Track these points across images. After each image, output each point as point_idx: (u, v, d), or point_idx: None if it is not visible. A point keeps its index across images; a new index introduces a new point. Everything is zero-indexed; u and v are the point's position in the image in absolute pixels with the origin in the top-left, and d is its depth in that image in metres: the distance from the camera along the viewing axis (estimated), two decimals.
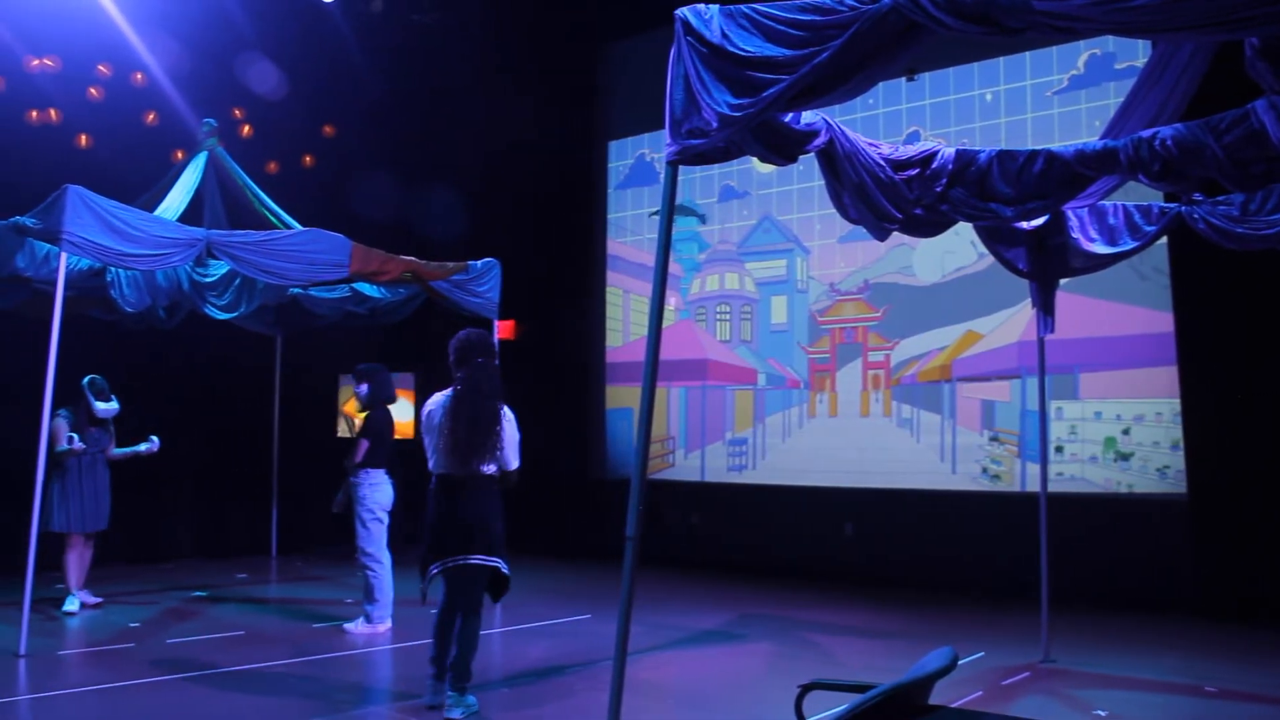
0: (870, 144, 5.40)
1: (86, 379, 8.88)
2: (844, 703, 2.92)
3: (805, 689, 3.26)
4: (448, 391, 5.90)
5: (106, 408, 8.88)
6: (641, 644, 7.18)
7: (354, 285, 9.84)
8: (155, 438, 9.14)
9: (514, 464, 5.84)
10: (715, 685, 6.72)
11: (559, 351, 13.20)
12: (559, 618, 8.61)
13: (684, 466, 12.40)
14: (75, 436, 8.66)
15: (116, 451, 8.98)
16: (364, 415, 8.22)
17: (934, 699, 3.23)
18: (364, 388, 8.23)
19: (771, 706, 6.02)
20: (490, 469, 5.78)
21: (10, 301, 9.06)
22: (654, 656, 7.25)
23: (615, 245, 13.28)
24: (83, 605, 8.75)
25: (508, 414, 5.88)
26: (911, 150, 5.51)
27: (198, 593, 9.56)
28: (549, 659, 6.10)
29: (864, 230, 5.72)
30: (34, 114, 10.89)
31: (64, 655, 7.15)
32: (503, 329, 9.98)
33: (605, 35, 13.29)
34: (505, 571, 5.81)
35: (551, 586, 10.16)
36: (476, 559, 5.69)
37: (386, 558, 8.03)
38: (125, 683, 6.42)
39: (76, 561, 8.76)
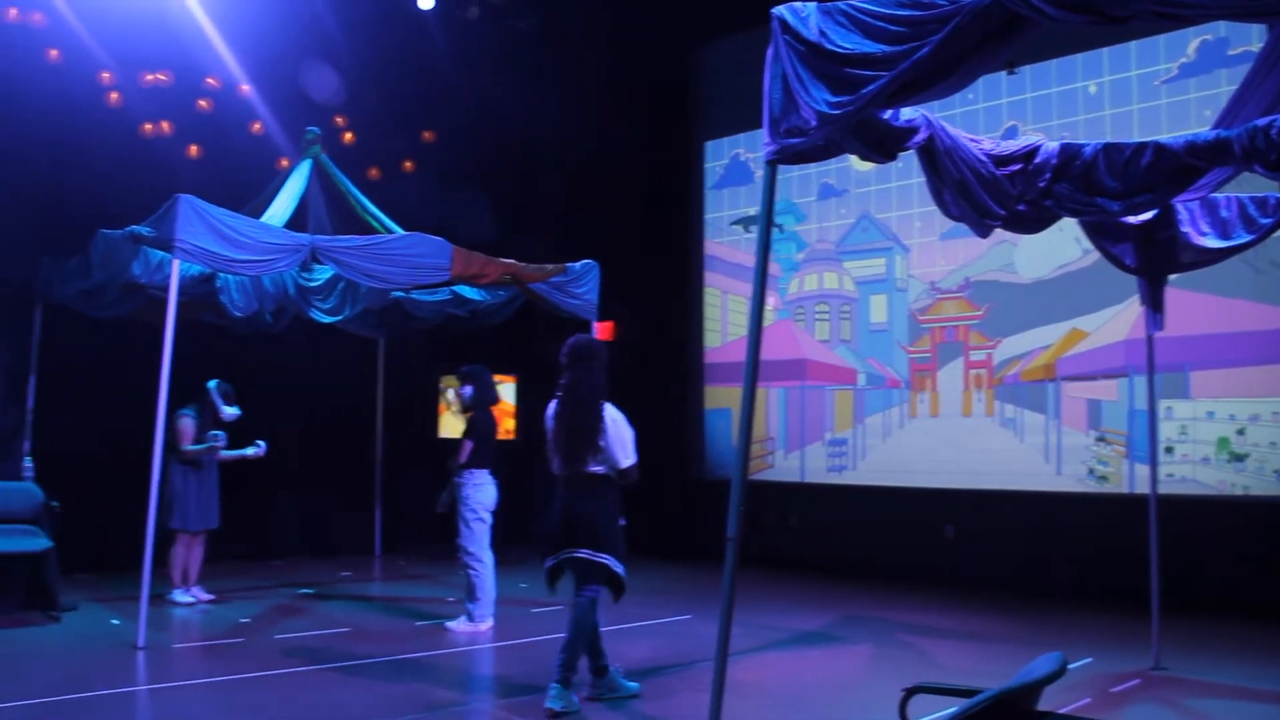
0: (971, 139, 5.31)
1: (214, 382, 9.21)
2: (947, 707, 2.88)
3: (910, 692, 3.21)
4: None
5: (231, 412, 9.19)
6: (741, 645, 7.16)
7: (455, 288, 9.94)
8: (261, 442, 9.37)
9: (624, 461, 5.92)
10: (816, 687, 6.68)
11: (657, 352, 13.22)
12: (659, 618, 8.63)
13: (783, 467, 12.33)
14: (220, 434, 9.06)
15: (225, 454, 9.22)
16: (468, 417, 8.35)
17: (1042, 705, 3.16)
18: (467, 389, 8.35)
19: (873, 710, 5.95)
20: (597, 468, 5.94)
21: (127, 308, 9.37)
22: (754, 658, 7.22)
23: (712, 245, 13.26)
24: (195, 601, 9.02)
25: (613, 414, 5.98)
26: (1014, 145, 5.40)
27: (304, 590, 9.78)
28: (649, 659, 6.12)
29: (965, 228, 5.62)
30: (148, 127, 11.25)
31: (179, 648, 7.37)
32: (601, 330, 10.02)
33: (700, 36, 13.28)
34: (615, 569, 5.92)
35: (651, 586, 10.17)
36: (582, 553, 5.91)
37: (489, 557, 8.13)
38: (236, 676, 6.59)
39: (183, 557, 9.04)
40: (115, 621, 8.13)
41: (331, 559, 11.43)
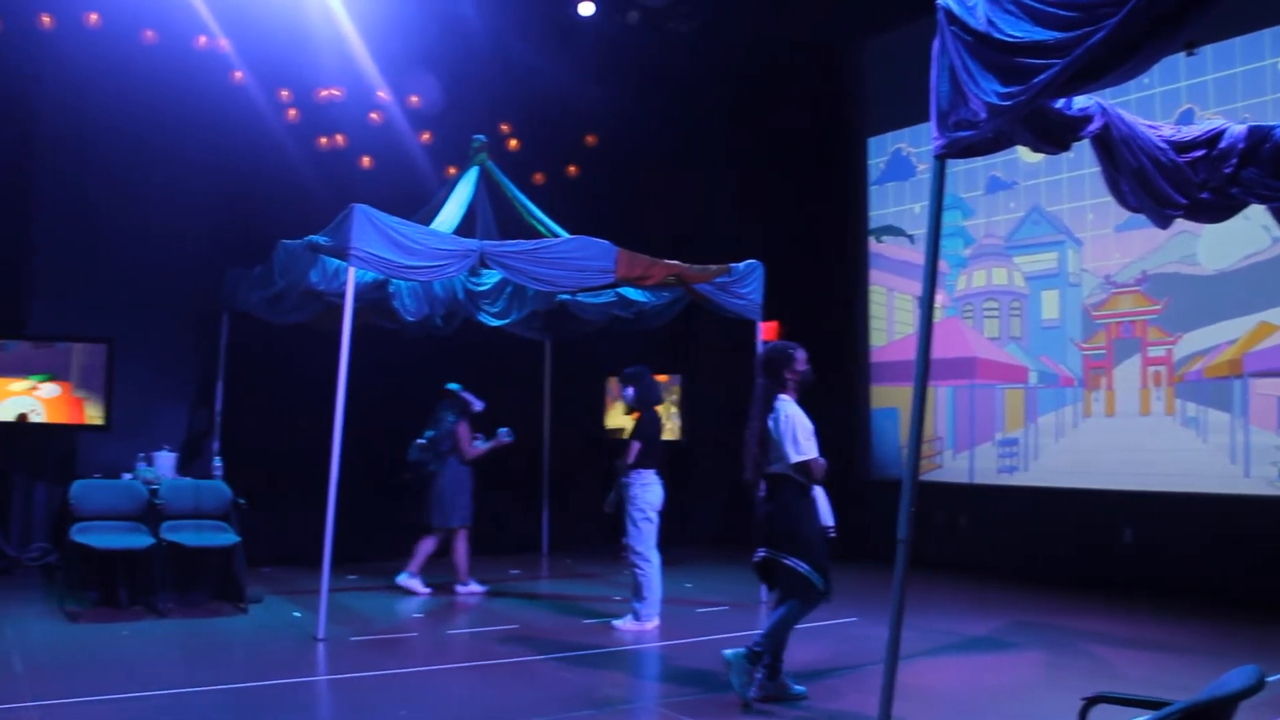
0: (1149, 126, 5.09)
1: (455, 385, 9.83)
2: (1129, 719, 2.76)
3: (1090, 702, 3.10)
4: None
5: (480, 404, 9.86)
6: (910, 649, 7.02)
7: (619, 290, 10.03)
8: (504, 430, 9.96)
9: (793, 457, 5.89)
10: (987, 694, 6.51)
11: (823, 352, 12.90)
12: (825, 620, 8.52)
13: (952, 468, 12.06)
14: (506, 430, 9.82)
15: (480, 445, 9.86)
16: (633, 418, 8.44)
17: None
18: (630, 391, 8.45)
19: (1048, 719, 5.78)
20: (777, 467, 5.97)
21: (306, 314, 9.75)
22: (923, 662, 7.08)
23: (876, 243, 13.06)
24: (472, 593, 9.68)
25: (781, 409, 5.98)
26: (1196, 130, 5.15)
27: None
28: (817, 661, 6.07)
29: (1143, 219, 5.40)
30: (323, 140, 11.73)
31: (355, 641, 7.61)
32: (766, 331, 9.97)
33: (860, 30, 13.10)
34: (797, 569, 5.90)
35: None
36: (763, 553, 6.01)
37: (655, 557, 8.18)
38: (409, 669, 6.81)
39: (428, 550, 9.74)
40: (297, 614, 8.48)
41: (500, 557, 11.67)
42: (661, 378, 11.40)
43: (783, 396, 6.07)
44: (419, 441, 9.92)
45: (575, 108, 12.92)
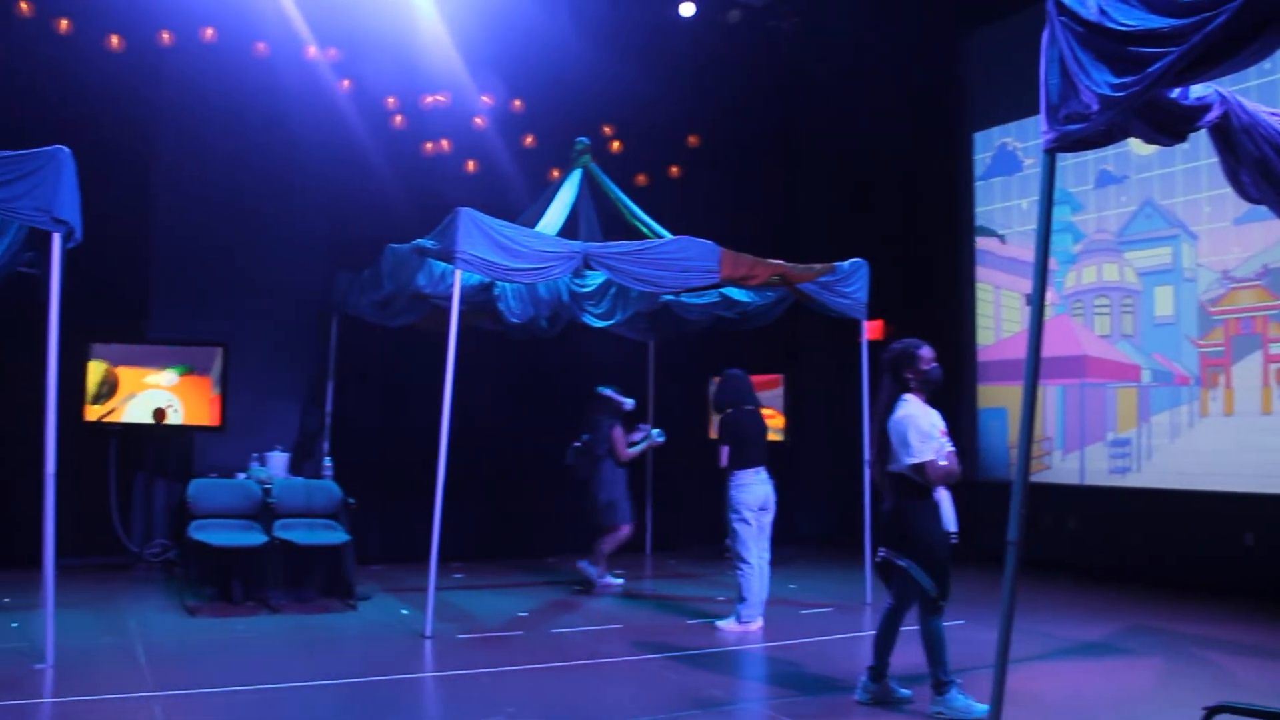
0: (1272, 114, 4.90)
1: (604, 388, 10.04)
2: None
3: (1212, 711, 3.01)
4: None
5: (630, 403, 10.14)
6: (1019, 653, 6.85)
7: (723, 290, 10.01)
8: (644, 427, 10.21)
9: (905, 460, 5.76)
10: (1101, 701, 6.34)
11: None
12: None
13: (1061, 468, 11.79)
14: (659, 430, 10.15)
15: (633, 448, 10.11)
16: (719, 420, 8.46)
17: None
18: (715, 392, 8.48)
19: None
20: (897, 468, 5.85)
21: (413, 317, 9.92)
22: (1032, 667, 6.92)
23: (982, 240, 12.83)
24: (605, 586, 9.92)
25: (904, 409, 5.85)
26: None
27: (578, 586, 10.07)
28: (923, 665, 5.97)
29: (1264, 210, 5.20)
30: (428, 145, 11.93)
31: (462, 639, 7.70)
32: (871, 329, 9.86)
33: (963, 24, 12.89)
34: (910, 571, 5.78)
35: None
36: (881, 554, 5.93)
37: (756, 557, 8.13)
38: (514, 667, 6.86)
39: (611, 548, 9.96)
40: (405, 611, 8.63)
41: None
42: (764, 378, 11.36)
43: (905, 397, 5.90)
44: (575, 445, 10.13)
45: (677, 109, 12.94)
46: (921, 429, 5.76)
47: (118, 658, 6.81)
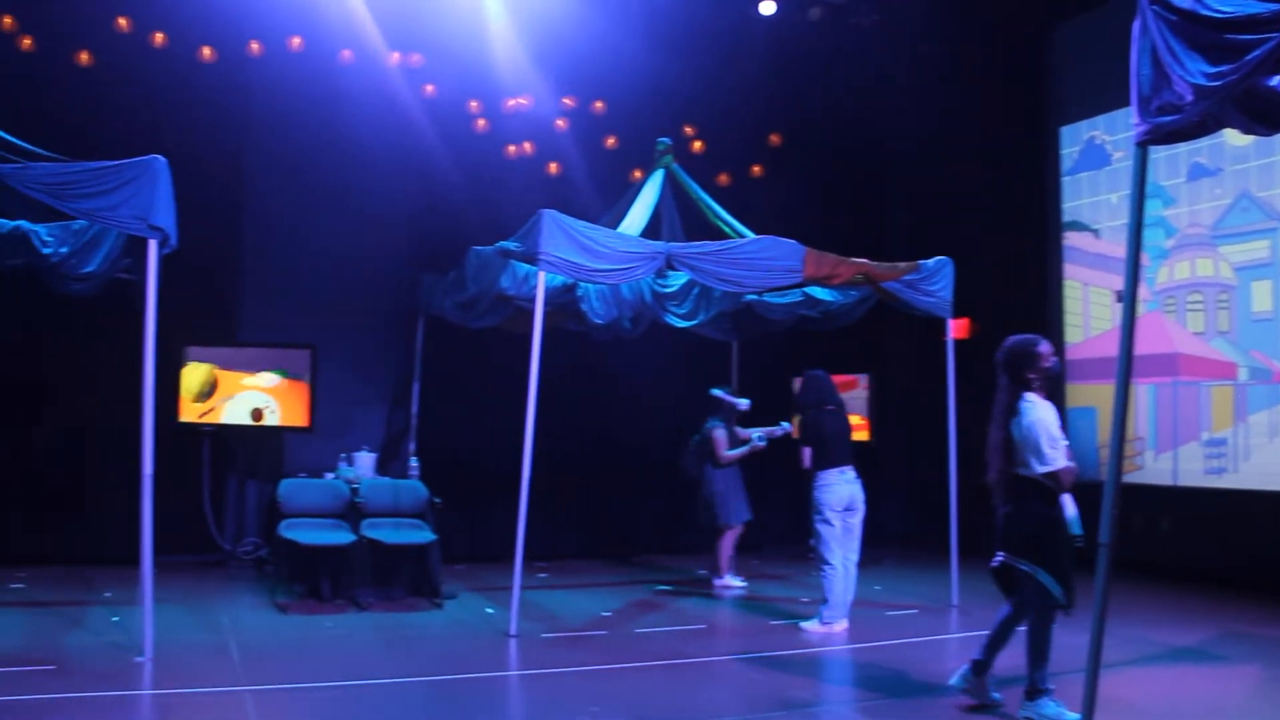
0: None
1: (717, 389, 10.17)
2: None
3: None
4: None
5: (745, 402, 10.24)
6: (1110, 658, 6.70)
7: (806, 290, 9.95)
8: (784, 424, 10.20)
9: (1038, 469, 5.59)
10: (1196, 709, 6.18)
11: None
12: (1020, 626, 8.26)
13: (1153, 469, 11.51)
14: (760, 434, 10.06)
15: (742, 449, 10.14)
16: (800, 420, 8.43)
17: None
18: (797, 392, 8.46)
19: None
20: (1020, 470, 5.69)
21: (497, 318, 9.99)
22: (1124, 672, 6.78)
23: (1070, 235, 12.59)
24: (727, 587, 9.94)
25: (1026, 413, 5.69)
26: None
27: (662, 586, 10.08)
28: (1012, 668, 5.88)
29: None
30: (511, 148, 12.04)
31: (546, 638, 7.76)
32: (957, 328, 9.72)
33: (1049, 16, 12.65)
34: (1035, 576, 5.64)
35: None
36: (1001, 557, 5.80)
37: (838, 558, 8.07)
38: (598, 667, 6.90)
39: (729, 548, 10.04)
40: (490, 610, 8.72)
41: (686, 556, 11.71)
42: (845, 378, 11.27)
43: (1028, 397, 5.75)
44: (690, 447, 10.25)
45: (759, 107, 12.90)
46: (1052, 434, 5.63)
47: (212, 652, 6.99)
